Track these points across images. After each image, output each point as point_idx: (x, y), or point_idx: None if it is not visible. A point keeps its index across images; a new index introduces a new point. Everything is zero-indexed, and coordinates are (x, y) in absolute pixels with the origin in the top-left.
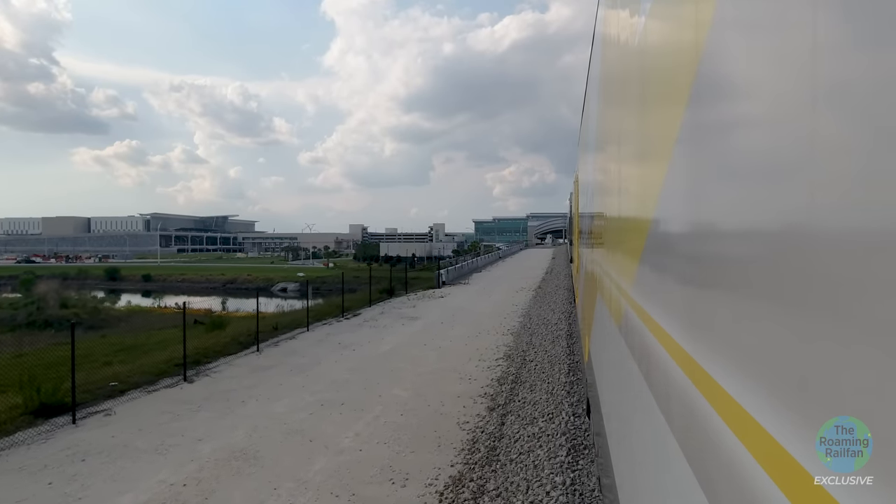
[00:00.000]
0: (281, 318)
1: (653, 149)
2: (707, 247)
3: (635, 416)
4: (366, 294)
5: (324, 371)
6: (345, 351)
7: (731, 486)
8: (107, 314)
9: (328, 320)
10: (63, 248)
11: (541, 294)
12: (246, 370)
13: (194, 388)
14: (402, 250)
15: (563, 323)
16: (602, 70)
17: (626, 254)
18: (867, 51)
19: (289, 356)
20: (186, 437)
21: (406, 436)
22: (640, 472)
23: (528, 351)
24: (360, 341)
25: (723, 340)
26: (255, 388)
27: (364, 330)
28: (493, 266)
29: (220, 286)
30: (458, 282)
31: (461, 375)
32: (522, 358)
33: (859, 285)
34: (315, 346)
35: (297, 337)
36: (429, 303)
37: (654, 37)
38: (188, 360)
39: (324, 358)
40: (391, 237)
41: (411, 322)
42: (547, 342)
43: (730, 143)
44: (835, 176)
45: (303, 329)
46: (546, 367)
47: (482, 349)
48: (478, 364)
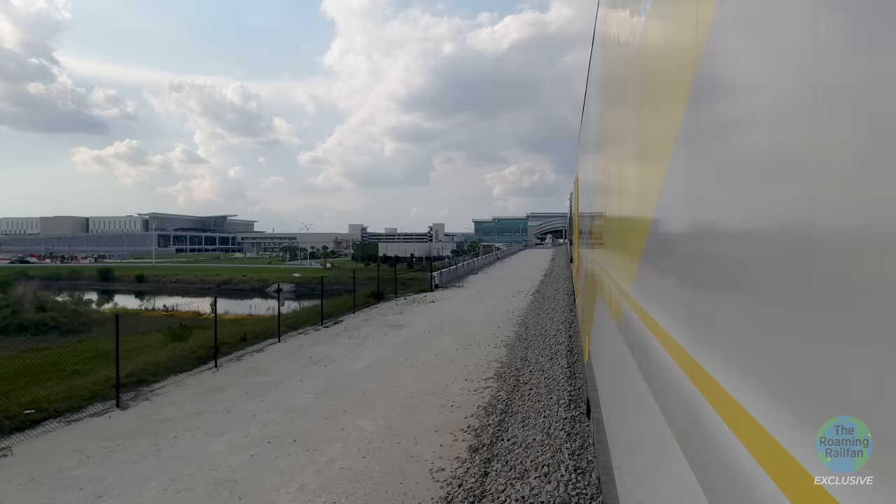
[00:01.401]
0: (256, 325)
1: (653, 149)
2: (707, 247)
3: (635, 415)
4: (360, 295)
5: (284, 394)
6: (314, 367)
7: (731, 485)
8: (88, 317)
9: (305, 329)
10: (59, 248)
11: (539, 299)
12: (194, 392)
13: (125, 418)
14: (401, 250)
15: (563, 335)
16: (602, 70)
17: (625, 253)
18: (867, 51)
19: (249, 374)
20: (85, 491)
21: (363, 490)
22: (640, 472)
23: (522, 369)
24: (334, 355)
25: (723, 340)
26: (197, 416)
27: (342, 341)
28: (491, 268)
29: (215, 287)
30: (451, 285)
31: (443, 401)
32: (515, 378)
33: (859, 285)
34: (282, 360)
35: (265, 349)
36: (418, 308)
37: (654, 37)
38: (132, 379)
39: (288, 376)
40: (390, 237)
41: (395, 331)
42: (544, 358)
43: (730, 143)
44: (835, 176)
45: (274, 340)
46: (542, 393)
47: (470, 366)
48: (463, 386)
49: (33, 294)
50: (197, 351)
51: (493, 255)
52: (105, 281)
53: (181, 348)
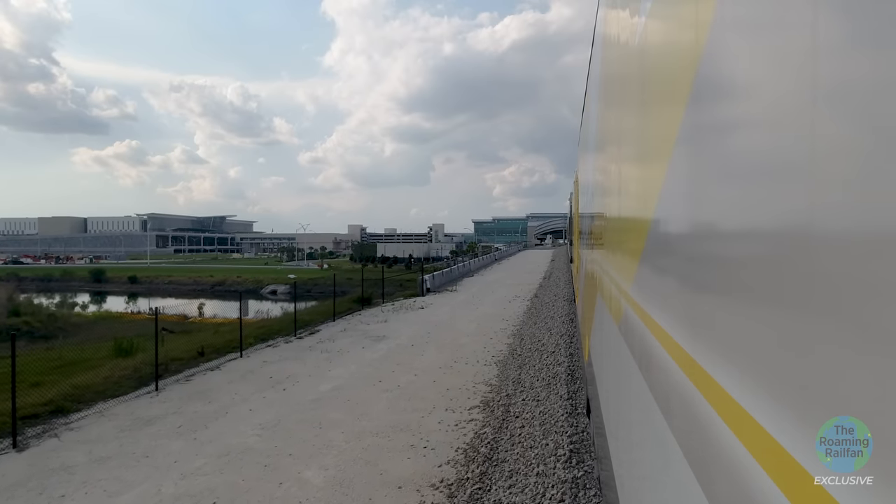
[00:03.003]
0: (229, 333)
1: (653, 149)
2: (707, 247)
3: (635, 415)
4: (344, 300)
5: (224, 429)
6: (271, 391)
7: (730, 486)
8: (66, 322)
9: (275, 340)
10: (56, 249)
11: (537, 305)
12: (117, 426)
13: (14, 464)
14: (400, 251)
15: (563, 352)
16: (602, 70)
17: (625, 254)
18: (867, 51)
19: (191, 400)
20: None
21: None
22: (640, 472)
23: (513, 396)
24: (299, 374)
25: (723, 340)
26: (104, 463)
27: (312, 356)
28: (487, 270)
29: (209, 288)
30: (444, 288)
31: (415, 439)
32: (505, 409)
33: (859, 285)
34: (237, 381)
35: (222, 367)
36: (404, 316)
37: (654, 37)
38: (48, 408)
39: (237, 404)
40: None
41: (374, 344)
42: (539, 383)
43: (730, 144)
44: (835, 176)
45: (235, 354)
46: (537, 435)
47: (454, 389)
48: (443, 417)
49: (7, 297)
50: (142, 369)
51: (490, 257)
52: (97, 282)
53: (123, 366)
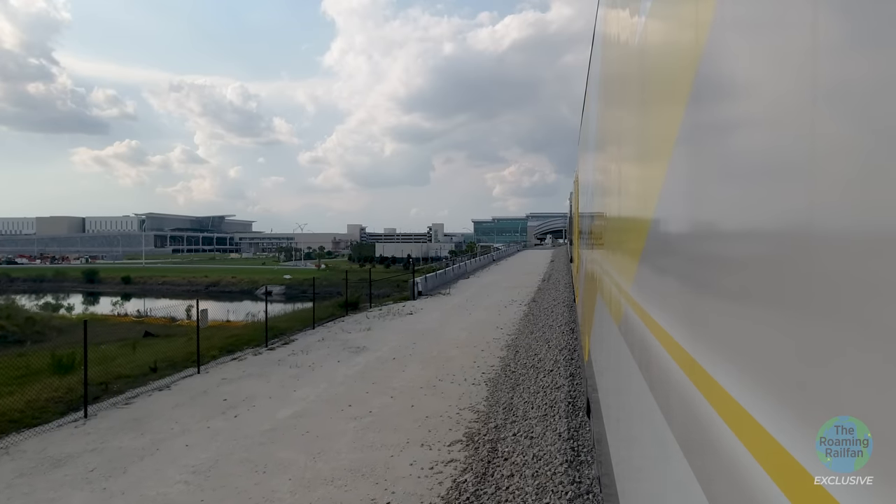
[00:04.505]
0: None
1: (653, 149)
2: (707, 247)
3: (635, 415)
4: (330, 305)
5: (147, 472)
6: (219, 419)
7: (731, 485)
8: (46, 325)
9: (243, 352)
10: (53, 249)
11: (535, 311)
12: (17, 468)
13: None
14: (398, 251)
15: (563, 371)
16: (602, 70)
17: (625, 253)
18: (867, 51)
19: (121, 432)
20: None
21: None
22: (640, 472)
23: (503, 428)
24: (258, 395)
25: (723, 340)
26: None
27: (279, 372)
28: (484, 271)
29: (203, 289)
30: (437, 291)
31: (378, 490)
32: (493, 446)
33: (859, 285)
34: (183, 406)
35: (173, 386)
36: (390, 323)
37: (654, 37)
38: None
39: (173, 437)
40: (389, 237)
41: (352, 357)
42: (535, 413)
43: (730, 143)
44: (835, 176)
45: (192, 370)
46: (528, 488)
47: (434, 417)
48: (417, 457)
49: None
50: (77, 389)
51: (488, 257)
52: (90, 283)
53: (56, 386)
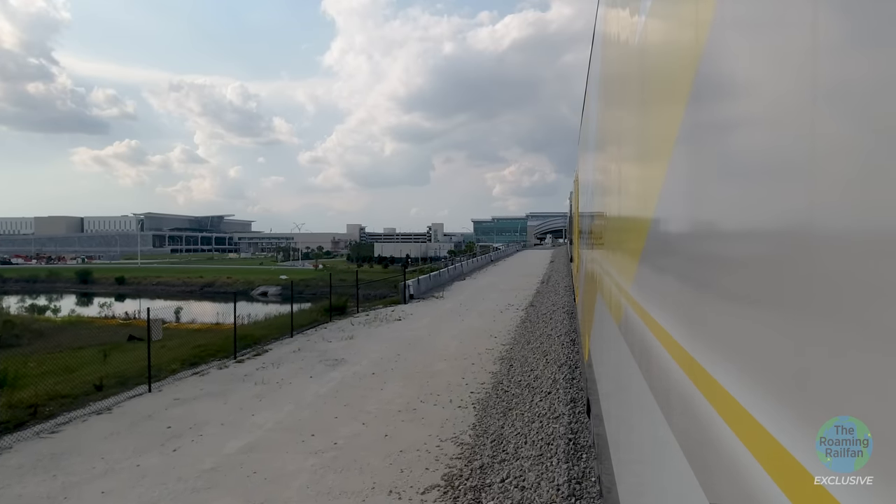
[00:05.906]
0: (174, 350)
1: (653, 148)
2: (707, 246)
3: (635, 415)
4: (314, 310)
5: None
6: (154, 454)
7: (731, 485)
8: (26, 328)
9: (207, 365)
10: (50, 249)
11: (532, 317)
12: None
13: None
14: (397, 251)
15: (562, 394)
16: (602, 69)
17: (625, 253)
18: (867, 51)
19: (31, 472)
20: None
21: None
22: (640, 472)
23: (489, 471)
24: (210, 420)
25: (723, 340)
26: None
27: (240, 390)
28: (481, 272)
29: (198, 290)
30: (430, 294)
31: None
32: (475, 495)
33: (859, 285)
34: (117, 436)
35: (115, 408)
36: (376, 331)
37: (654, 36)
38: None
39: (89, 481)
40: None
41: (327, 372)
42: (528, 450)
43: (730, 143)
44: (835, 176)
45: (143, 387)
46: None
47: (410, 452)
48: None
49: None
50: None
51: (486, 258)
52: (83, 283)
53: None
